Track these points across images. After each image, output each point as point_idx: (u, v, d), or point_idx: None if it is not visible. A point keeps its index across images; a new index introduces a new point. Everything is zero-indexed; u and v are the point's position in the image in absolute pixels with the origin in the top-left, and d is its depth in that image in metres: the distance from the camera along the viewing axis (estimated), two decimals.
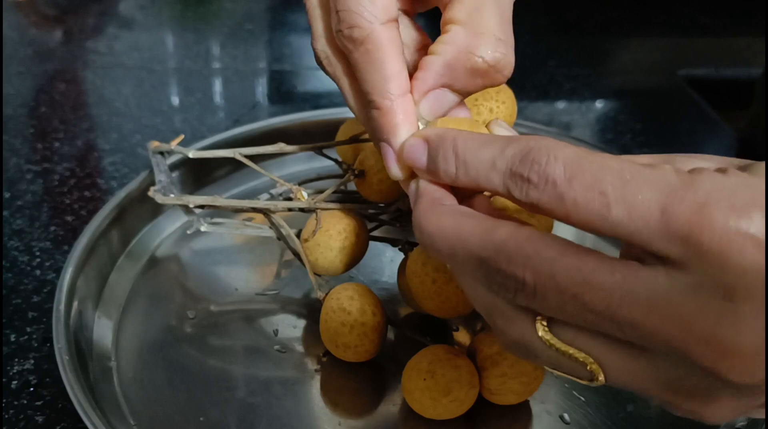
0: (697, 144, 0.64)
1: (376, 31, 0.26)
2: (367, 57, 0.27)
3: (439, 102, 0.28)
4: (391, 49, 0.27)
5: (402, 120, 0.27)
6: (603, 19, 0.90)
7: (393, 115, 0.27)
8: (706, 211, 0.19)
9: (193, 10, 0.92)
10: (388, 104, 0.27)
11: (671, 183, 0.20)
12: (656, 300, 0.20)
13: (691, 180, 0.19)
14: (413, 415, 0.34)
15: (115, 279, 0.42)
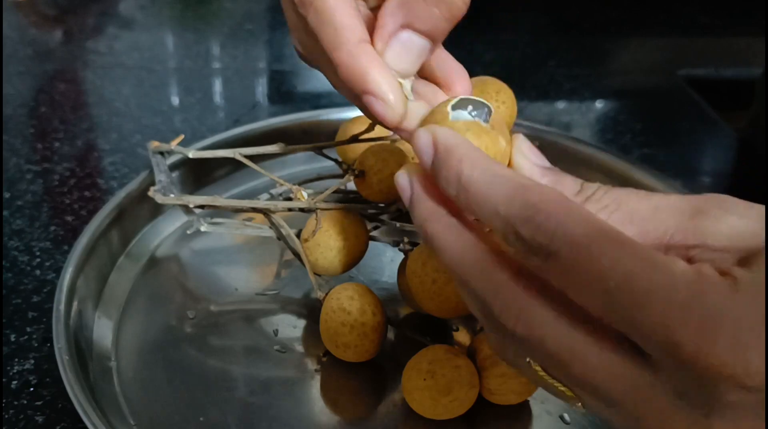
0: (697, 144, 0.64)
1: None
2: (317, 17, 0.26)
3: (406, 48, 0.26)
4: (340, 4, 0.26)
5: (366, 63, 0.25)
6: (603, 19, 0.90)
7: (355, 61, 0.25)
8: (707, 336, 0.18)
9: (193, 10, 0.92)
10: (345, 55, 0.25)
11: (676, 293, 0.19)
12: (636, 392, 0.20)
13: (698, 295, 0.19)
14: (413, 415, 0.34)
15: (115, 279, 0.42)
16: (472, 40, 0.82)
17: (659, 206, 0.23)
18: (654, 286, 0.19)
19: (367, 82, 0.26)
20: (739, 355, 0.18)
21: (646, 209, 0.23)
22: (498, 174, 0.22)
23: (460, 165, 0.23)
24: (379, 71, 0.25)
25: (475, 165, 0.23)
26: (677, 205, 0.22)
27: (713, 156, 0.64)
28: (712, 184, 0.58)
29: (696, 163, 0.62)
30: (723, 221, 0.22)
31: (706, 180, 0.59)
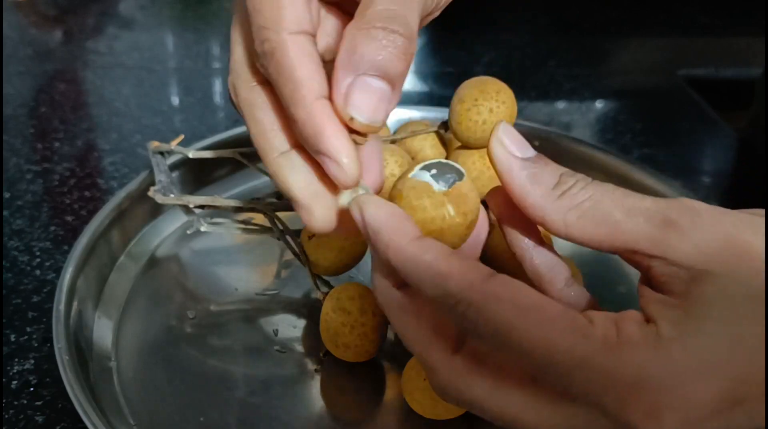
0: (697, 144, 0.64)
1: (283, 41, 0.25)
2: (277, 68, 0.25)
3: (365, 94, 0.24)
4: (300, 56, 0.25)
5: (321, 122, 0.24)
6: (603, 19, 0.90)
7: (311, 120, 0.24)
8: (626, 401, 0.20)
9: (193, 10, 0.92)
10: (301, 112, 0.24)
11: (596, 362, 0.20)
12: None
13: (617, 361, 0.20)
14: (413, 415, 0.34)
15: (115, 279, 0.42)
16: (472, 40, 0.82)
17: (632, 210, 0.23)
18: (576, 360, 0.20)
19: (321, 142, 0.24)
20: (653, 417, 0.20)
21: (619, 213, 0.23)
22: (419, 261, 0.22)
23: (387, 252, 0.23)
24: (333, 132, 0.24)
25: (397, 253, 0.23)
26: (649, 211, 0.23)
27: (713, 156, 0.64)
28: (712, 184, 0.58)
29: (696, 163, 0.62)
30: (687, 237, 0.22)
31: (706, 180, 0.59)
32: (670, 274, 0.22)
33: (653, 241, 0.22)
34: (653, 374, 0.20)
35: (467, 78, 0.39)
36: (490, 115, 0.37)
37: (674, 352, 0.20)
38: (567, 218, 0.23)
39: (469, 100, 0.37)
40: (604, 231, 0.23)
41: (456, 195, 0.25)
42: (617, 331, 0.21)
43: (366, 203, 0.24)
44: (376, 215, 0.23)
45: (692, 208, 0.23)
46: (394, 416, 0.35)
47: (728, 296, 0.21)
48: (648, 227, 0.22)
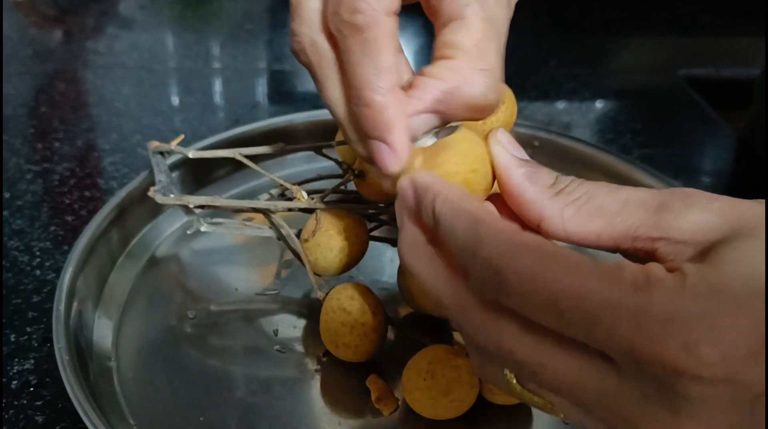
0: (697, 144, 0.64)
1: (379, 20, 0.25)
2: (363, 46, 0.25)
3: (425, 125, 0.27)
4: (389, 41, 0.25)
5: (396, 115, 0.26)
6: (603, 18, 0.90)
7: (386, 110, 0.26)
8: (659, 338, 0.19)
9: (193, 10, 0.92)
10: (380, 99, 0.26)
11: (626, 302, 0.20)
12: (605, 395, 0.21)
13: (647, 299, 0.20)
14: (413, 415, 0.34)
15: (115, 279, 0.42)
16: None
17: (627, 200, 0.23)
18: (603, 301, 0.20)
19: (390, 133, 0.26)
20: (691, 351, 0.19)
21: (614, 203, 0.23)
22: (461, 208, 0.23)
23: (434, 201, 0.24)
24: (403, 128, 0.26)
25: (445, 201, 0.24)
26: (644, 199, 0.23)
27: (713, 156, 0.64)
28: (712, 184, 0.58)
29: (696, 163, 0.62)
30: (685, 215, 0.22)
31: (706, 180, 0.59)
32: (676, 252, 0.22)
33: (652, 225, 0.23)
34: (685, 309, 0.19)
35: None
36: None
37: (703, 289, 0.20)
38: (564, 214, 0.24)
39: None
40: (601, 223, 0.23)
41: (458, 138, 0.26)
42: (645, 274, 0.20)
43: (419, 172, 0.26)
44: (426, 176, 0.25)
45: (683, 192, 0.23)
46: (394, 416, 0.35)
47: (742, 258, 0.20)
48: (644, 213, 0.23)
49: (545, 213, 0.24)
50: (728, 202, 0.22)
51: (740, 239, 0.21)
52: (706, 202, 0.23)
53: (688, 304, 0.19)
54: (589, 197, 0.24)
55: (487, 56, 0.26)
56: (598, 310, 0.20)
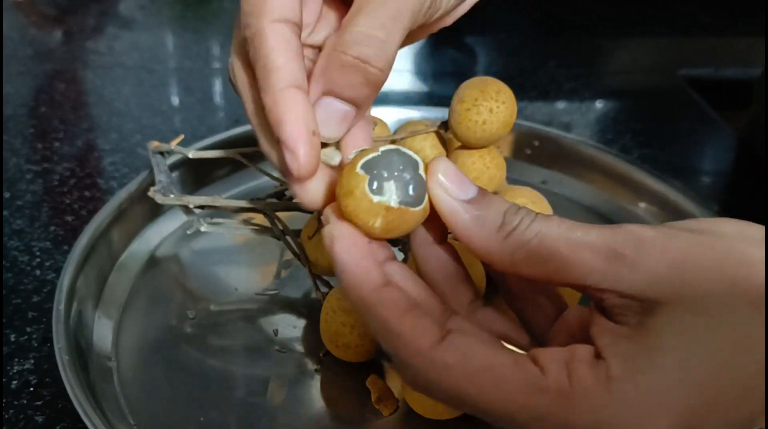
0: (697, 144, 0.64)
1: (263, 27, 0.25)
2: (256, 54, 0.26)
3: (328, 113, 0.25)
4: (277, 44, 0.25)
5: (285, 111, 0.25)
6: (603, 18, 0.90)
7: (276, 107, 0.25)
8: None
9: (193, 10, 0.92)
10: (269, 98, 0.25)
11: (553, 415, 0.21)
12: None
13: (571, 412, 0.21)
14: (413, 415, 0.34)
15: (115, 279, 0.42)
16: (472, 41, 0.82)
17: (579, 245, 0.23)
18: (533, 415, 0.21)
19: (281, 130, 0.25)
20: None
21: (566, 247, 0.23)
22: (376, 314, 0.23)
23: (348, 293, 0.23)
24: (295, 122, 0.25)
25: (352, 290, 0.23)
26: (596, 245, 0.22)
27: (713, 156, 0.64)
28: (712, 184, 0.58)
29: (696, 163, 0.62)
30: (635, 269, 0.22)
31: (706, 180, 0.59)
32: (622, 306, 0.22)
33: (602, 275, 0.22)
34: (607, 419, 0.20)
35: (467, 78, 0.39)
36: (490, 115, 0.37)
37: (626, 393, 0.21)
38: (514, 258, 0.23)
39: (469, 100, 0.37)
40: (552, 268, 0.23)
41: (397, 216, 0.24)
42: (569, 376, 0.21)
43: (338, 237, 0.24)
44: (345, 255, 0.23)
45: (638, 237, 0.22)
46: (394, 416, 0.35)
47: (678, 326, 0.21)
48: (595, 261, 0.22)
49: (495, 258, 0.24)
50: (683, 252, 0.22)
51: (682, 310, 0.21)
52: (660, 252, 0.22)
53: (610, 412, 0.20)
54: (540, 240, 0.23)
55: (359, 19, 0.25)
56: (526, 422, 0.21)
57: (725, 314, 0.21)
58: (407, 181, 0.24)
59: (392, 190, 0.24)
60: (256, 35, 0.26)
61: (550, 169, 0.53)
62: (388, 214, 0.23)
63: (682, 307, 0.21)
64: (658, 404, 0.20)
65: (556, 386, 0.21)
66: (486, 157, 0.39)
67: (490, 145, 0.39)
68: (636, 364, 0.21)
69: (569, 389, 0.21)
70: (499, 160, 0.40)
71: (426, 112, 0.53)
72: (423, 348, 0.22)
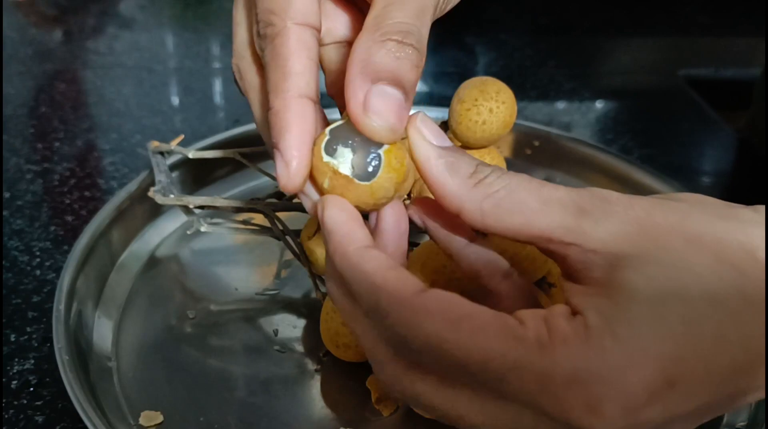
0: (697, 144, 0.64)
1: (287, 28, 0.25)
2: (273, 54, 0.25)
3: (386, 101, 0.24)
4: (298, 48, 0.25)
5: (290, 121, 0.25)
6: (603, 19, 0.90)
7: (282, 114, 0.25)
8: (565, 399, 0.20)
9: (193, 10, 0.92)
10: (279, 104, 0.25)
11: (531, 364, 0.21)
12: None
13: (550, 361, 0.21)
14: (413, 415, 0.34)
15: (115, 279, 0.42)
16: (472, 40, 0.82)
17: (547, 199, 0.23)
18: (509, 363, 0.21)
19: (282, 138, 0.25)
20: (593, 410, 0.20)
21: (534, 201, 0.23)
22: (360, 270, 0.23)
23: (334, 256, 0.24)
24: (298, 134, 0.25)
25: (343, 258, 0.23)
26: (563, 200, 0.23)
27: (713, 156, 0.64)
28: (712, 184, 0.58)
29: (696, 163, 0.62)
30: (601, 223, 0.22)
31: (706, 180, 0.59)
32: (585, 261, 0.22)
33: (567, 229, 0.23)
34: (586, 368, 0.20)
35: (467, 78, 0.39)
36: (490, 115, 0.37)
37: (604, 343, 0.21)
38: (483, 207, 0.23)
39: (469, 100, 0.37)
40: (519, 220, 0.23)
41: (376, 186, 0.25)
42: (548, 329, 0.21)
43: (329, 203, 0.24)
44: (333, 218, 0.24)
45: (603, 197, 0.23)
46: (394, 416, 0.35)
47: (649, 278, 0.21)
48: (562, 216, 0.23)
49: (464, 205, 0.24)
50: (646, 210, 0.22)
51: (648, 262, 0.21)
52: (624, 209, 0.22)
53: (590, 361, 0.20)
54: (509, 191, 0.23)
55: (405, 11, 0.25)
56: (504, 372, 0.21)
57: (691, 266, 0.21)
58: (364, 154, 0.24)
59: (346, 157, 0.24)
60: (279, 35, 0.25)
61: (550, 169, 0.53)
62: (335, 177, 0.24)
63: (647, 260, 0.21)
64: (636, 354, 0.20)
65: (534, 336, 0.21)
66: (486, 157, 0.39)
67: (490, 145, 0.39)
68: (611, 316, 0.21)
69: (548, 339, 0.21)
70: (499, 160, 0.40)
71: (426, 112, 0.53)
72: (406, 295, 0.22)
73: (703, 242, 0.22)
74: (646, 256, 0.21)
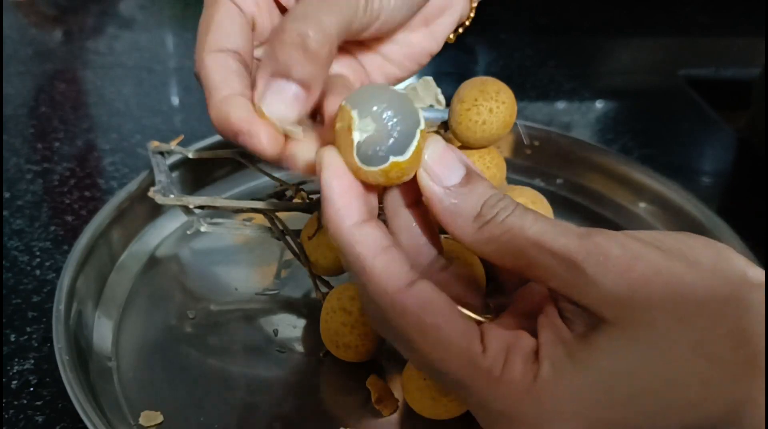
0: (697, 144, 0.64)
1: (202, 58, 0.29)
2: (202, 81, 0.29)
3: (277, 93, 0.26)
4: (214, 67, 0.28)
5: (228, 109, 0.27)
6: (603, 19, 0.90)
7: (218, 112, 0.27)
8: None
9: (193, 10, 0.92)
10: (212, 110, 0.28)
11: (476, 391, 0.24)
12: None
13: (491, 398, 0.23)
14: (413, 415, 0.34)
15: (115, 279, 0.42)
16: (472, 41, 0.82)
17: (546, 250, 0.23)
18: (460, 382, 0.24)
19: (230, 122, 0.27)
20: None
21: (532, 250, 0.24)
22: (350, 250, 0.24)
23: (328, 224, 0.25)
24: (241, 110, 0.27)
25: (337, 230, 0.24)
26: (561, 253, 0.23)
27: (713, 156, 0.64)
28: (712, 184, 0.58)
29: (696, 163, 0.62)
30: (592, 287, 0.23)
31: (706, 180, 0.59)
32: (574, 312, 0.24)
33: (561, 282, 0.23)
34: (519, 411, 0.23)
35: (467, 78, 0.39)
36: (490, 115, 0.37)
37: (542, 394, 0.22)
38: (485, 250, 0.25)
39: (469, 100, 0.37)
40: (520, 264, 0.24)
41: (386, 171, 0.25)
42: (504, 363, 0.23)
43: (327, 165, 0.25)
44: (331, 184, 0.24)
45: (603, 253, 0.23)
46: (394, 416, 0.35)
47: (613, 349, 0.22)
48: (557, 269, 0.23)
49: (471, 246, 0.25)
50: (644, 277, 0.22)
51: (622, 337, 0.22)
52: (620, 274, 0.22)
53: (524, 406, 0.23)
54: (510, 237, 0.24)
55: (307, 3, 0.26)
56: (454, 385, 0.24)
57: (664, 344, 0.22)
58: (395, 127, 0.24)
59: (369, 123, 0.24)
60: (198, 64, 0.29)
61: (550, 169, 0.53)
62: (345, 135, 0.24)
63: (625, 332, 0.22)
64: (568, 414, 0.22)
65: (488, 367, 0.23)
66: (486, 157, 0.39)
67: (490, 145, 0.39)
68: (562, 371, 0.22)
69: (498, 375, 0.23)
70: (499, 160, 0.40)
71: (426, 112, 0.53)
72: (388, 290, 0.24)
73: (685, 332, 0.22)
74: (625, 328, 0.22)
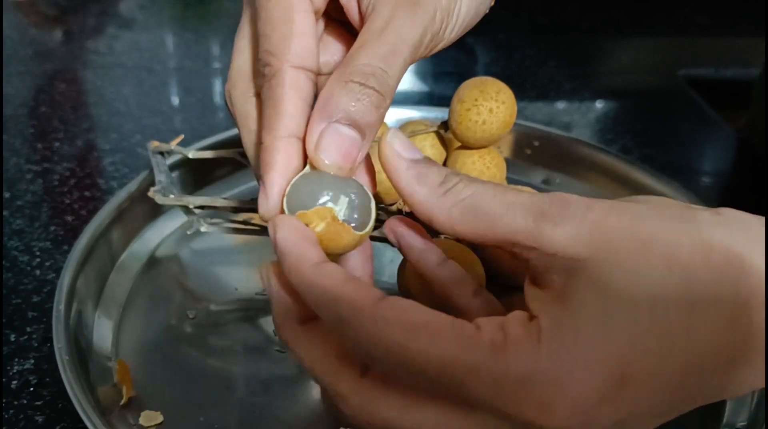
0: (697, 144, 0.65)
1: (283, 70, 0.27)
2: (269, 93, 0.27)
3: (336, 139, 0.26)
4: (293, 90, 0.27)
5: (276, 159, 0.26)
6: (603, 19, 0.90)
7: (271, 151, 0.26)
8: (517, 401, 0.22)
9: (193, 10, 0.92)
10: (269, 141, 0.26)
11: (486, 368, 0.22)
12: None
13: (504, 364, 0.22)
14: None
15: (115, 279, 0.42)
16: (472, 41, 0.82)
17: (511, 204, 0.24)
18: (465, 367, 0.22)
19: (266, 173, 0.26)
20: (546, 410, 0.21)
21: (499, 206, 0.24)
22: (318, 286, 0.24)
23: (289, 275, 0.24)
24: (280, 172, 0.26)
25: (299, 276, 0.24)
26: (526, 205, 0.24)
27: (713, 156, 0.64)
28: (712, 184, 0.58)
29: (696, 163, 0.62)
30: (559, 227, 0.23)
31: (706, 180, 0.59)
32: (546, 265, 0.23)
33: (528, 233, 0.23)
34: (537, 369, 0.21)
35: (467, 78, 0.39)
36: (490, 115, 0.37)
37: (554, 346, 0.22)
38: (451, 214, 0.24)
39: (469, 100, 0.37)
40: (484, 225, 0.24)
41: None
42: (503, 333, 0.22)
43: (280, 224, 0.25)
44: (286, 239, 0.25)
45: (563, 200, 0.24)
46: None
47: (596, 287, 0.22)
48: (524, 220, 0.23)
49: (434, 212, 0.25)
50: (602, 213, 0.23)
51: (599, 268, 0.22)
52: (582, 212, 0.23)
53: (540, 363, 0.22)
54: (475, 198, 0.24)
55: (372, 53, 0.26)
56: (461, 376, 0.22)
57: (640, 269, 0.22)
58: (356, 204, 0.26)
59: (342, 205, 0.26)
60: (275, 77, 0.27)
61: (550, 169, 0.53)
62: (332, 223, 0.25)
63: (599, 265, 0.22)
64: (584, 357, 0.21)
65: (489, 340, 0.22)
66: (486, 157, 0.39)
67: (490, 145, 0.39)
68: (562, 322, 0.22)
69: (502, 343, 0.22)
70: (499, 160, 0.40)
71: (426, 112, 0.53)
72: (365, 305, 0.23)
73: (654, 245, 0.22)
74: (598, 261, 0.22)
